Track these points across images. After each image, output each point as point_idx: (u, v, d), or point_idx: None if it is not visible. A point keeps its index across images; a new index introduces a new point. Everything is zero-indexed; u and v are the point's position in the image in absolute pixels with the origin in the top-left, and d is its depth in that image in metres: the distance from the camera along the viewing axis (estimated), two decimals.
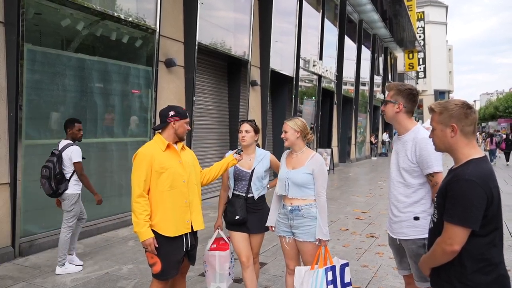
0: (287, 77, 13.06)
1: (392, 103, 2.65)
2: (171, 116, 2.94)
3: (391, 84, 2.73)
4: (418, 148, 2.51)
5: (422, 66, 38.41)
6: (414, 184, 2.56)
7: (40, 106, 5.61)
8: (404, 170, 2.59)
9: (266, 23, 11.43)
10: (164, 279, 2.85)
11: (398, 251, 2.76)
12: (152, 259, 2.81)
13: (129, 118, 7.15)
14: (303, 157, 3.13)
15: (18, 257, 5.07)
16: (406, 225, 2.58)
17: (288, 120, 3.18)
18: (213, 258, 3.36)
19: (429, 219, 2.48)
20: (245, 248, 3.31)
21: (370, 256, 5.14)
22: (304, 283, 2.92)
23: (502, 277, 1.82)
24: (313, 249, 3.05)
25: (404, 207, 2.60)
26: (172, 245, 2.85)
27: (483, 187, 1.75)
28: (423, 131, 2.59)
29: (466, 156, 1.89)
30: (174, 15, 8.06)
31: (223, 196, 3.47)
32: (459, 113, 1.89)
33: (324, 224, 3.01)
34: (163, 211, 2.83)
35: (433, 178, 2.49)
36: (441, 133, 1.95)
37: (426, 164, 2.48)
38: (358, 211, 8.09)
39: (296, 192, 3.07)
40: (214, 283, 3.38)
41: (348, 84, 19.63)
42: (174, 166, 2.90)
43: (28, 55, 5.29)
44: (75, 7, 5.91)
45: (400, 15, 22.83)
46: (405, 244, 2.60)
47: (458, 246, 1.78)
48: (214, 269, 3.37)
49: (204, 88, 9.72)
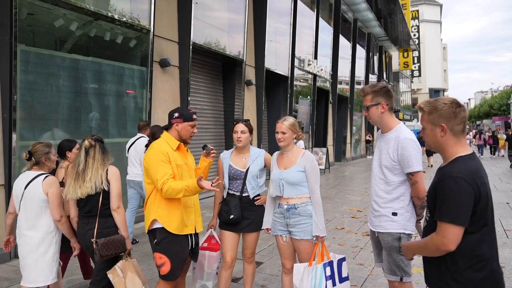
0: (282, 76, 13.08)
1: (375, 106, 2.70)
2: (175, 118, 2.94)
3: (365, 89, 2.77)
4: (400, 148, 2.59)
5: (417, 65, 38.59)
6: (395, 181, 2.66)
7: (34, 107, 5.59)
8: (385, 167, 2.68)
9: (260, 23, 11.44)
10: (172, 279, 2.86)
11: (377, 244, 2.87)
12: (160, 259, 2.81)
13: (123, 119, 7.13)
14: (294, 156, 3.15)
15: (14, 259, 5.05)
16: (385, 220, 2.69)
17: (283, 120, 3.16)
18: (202, 257, 3.38)
19: (406, 215, 2.65)
20: (232, 249, 3.33)
21: (366, 254, 5.16)
22: (304, 280, 2.94)
23: (495, 273, 1.83)
24: (310, 247, 3.07)
25: (383, 202, 2.70)
26: (179, 245, 2.86)
27: (471, 184, 1.76)
28: (405, 131, 2.67)
29: (453, 154, 1.90)
30: (168, 15, 8.04)
31: (218, 196, 3.47)
32: (449, 113, 1.89)
33: (320, 220, 3.04)
34: (171, 207, 2.83)
35: (412, 177, 2.59)
36: (431, 132, 1.95)
37: (407, 164, 2.58)
38: (354, 210, 8.12)
39: (291, 191, 3.08)
40: (201, 280, 3.40)
41: (343, 83, 19.68)
42: (184, 167, 2.93)
43: (21, 56, 5.26)
44: (69, 7, 5.89)
45: (394, 14, 22.92)
46: (382, 236, 2.71)
47: (453, 246, 1.78)
48: (203, 268, 3.39)
49: (199, 88, 9.72)
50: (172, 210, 2.83)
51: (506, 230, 6.28)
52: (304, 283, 2.93)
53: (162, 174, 2.73)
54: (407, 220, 2.64)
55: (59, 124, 5.92)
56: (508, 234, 6.09)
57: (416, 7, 44.26)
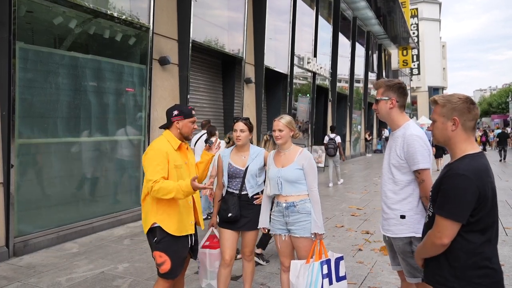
0: (282, 74, 13.06)
1: (385, 100, 2.65)
2: (175, 116, 2.92)
3: (379, 82, 2.73)
4: (406, 144, 2.52)
5: (416, 63, 38.53)
6: (403, 180, 2.57)
7: (33, 105, 5.57)
8: (393, 166, 2.61)
9: (260, 21, 11.41)
10: (172, 278, 2.85)
11: (391, 247, 2.78)
12: (160, 258, 2.79)
13: (123, 117, 7.11)
14: (291, 154, 3.15)
15: (13, 257, 5.04)
16: (393, 223, 2.60)
17: (280, 118, 3.17)
18: (203, 256, 3.38)
19: (415, 218, 2.53)
20: (231, 247, 3.33)
21: (366, 253, 5.16)
22: (300, 277, 2.94)
23: (495, 271, 1.84)
24: (309, 244, 3.07)
25: (392, 203, 2.62)
26: (179, 244, 2.85)
27: (476, 182, 1.76)
28: (413, 127, 2.60)
29: (463, 151, 1.89)
30: (168, 13, 8.02)
31: (218, 195, 3.47)
32: (462, 107, 1.89)
33: (319, 217, 3.04)
34: (169, 208, 2.82)
35: (419, 175, 2.50)
36: (442, 125, 1.94)
37: (412, 161, 2.50)
38: (354, 208, 8.12)
39: (290, 189, 3.08)
40: (206, 279, 3.41)
41: (342, 81, 19.66)
42: (184, 166, 2.91)
43: (20, 53, 5.24)
44: (68, 5, 5.86)
45: (394, 12, 22.90)
46: (393, 241, 2.64)
47: (447, 240, 1.79)
48: (205, 267, 3.39)
49: (199, 86, 9.70)
50: (172, 213, 2.82)
51: (505, 228, 6.29)
52: (300, 280, 2.93)
53: (154, 174, 2.71)
54: (417, 222, 2.52)
55: (58, 122, 5.90)
56: (508, 232, 6.10)
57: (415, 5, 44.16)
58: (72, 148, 6.17)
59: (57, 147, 5.94)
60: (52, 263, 4.82)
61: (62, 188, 6.00)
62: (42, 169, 5.74)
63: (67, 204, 6.08)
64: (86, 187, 6.43)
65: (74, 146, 6.20)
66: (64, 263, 4.84)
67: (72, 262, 4.88)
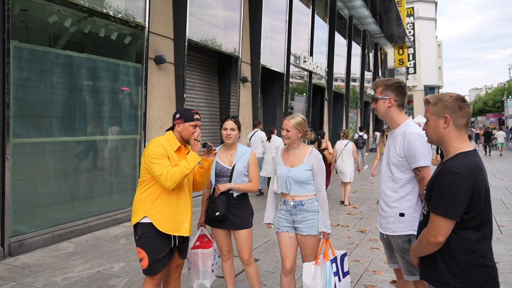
0: (278, 73, 13.06)
1: (383, 99, 2.67)
2: (177, 119, 2.92)
3: (378, 81, 2.74)
4: (406, 142, 2.53)
5: (412, 62, 38.66)
6: (402, 178, 2.58)
7: (28, 104, 5.54)
8: (393, 164, 2.61)
9: (256, 20, 11.41)
10: (151, 274, 2.84)
11: (388, 246, 2.79)
12: (140, 254, 2.81)
13: (119, 116, 7.09)
14: (301, 153, 3.13)
15: (8, 257, 5.02)
16: (392, 221, 2.61)
17: (291, 118, 3.13)
18: (196, 256, 3.36)
19: (414, 215, 2.54)
20: (227, 244, 3.38)
21: (362, 251, 5.17)
22: (317, 278, 2.93)
23: (490, 268, 1.85)
24: (316, 242, 3.08)
25: (391, 201, 2.62)
26: (159, 242, 2.82)
27: (469, 179, 1.77)
28: (412, 126, 2.61)
29: (456, 149, 1.91)
30: (164, 11, 8.00)
31: (206, 194, 3.44)
32: (453, 105, 1.92)
33: (326, 217, 3.05)
34: (165, 207, 2.81)
35: (419, 172, 2.51)
36: (434, 123, 1.97)
37: (413, 158, 2.51)
38: (350, 207, 8.14)
39: (298, 189, 3.08)
40: (198, 280, 3.39)
41: (338, 80, 19.69)
42: None
43: (14, 52, 5.21)
44: (63, 3, 5.84)
45: (390, 11, 22.94)
46: (392, 239, 2.65)
47: (442, 238, 1.81)
48: (198, 267, 3.37)
49: (195, 85, 9.69)
50: (165, 210, 2.81)
51: (499, 226, 6.33)
52: (318, 282, 2.92)
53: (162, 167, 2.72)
54: (416, 220, 2.52)
55: (53, 121, 5.87)
56: (502, 230, 6.14)
57: (411, 4, 44.30)
58: (67, 148, 6.14)
59: (53, 147, 5.91)
60: (47, 263, 4.80)
61: (57, 188, 5.98)
62: (38, 168, 5.71)
63: (63, 203, 6.05)
64: (82, 186, 6.41)
65: (69, 146, 6.18)
66: (60, 262, 4.82)
67: (68, 261, 4.86)
